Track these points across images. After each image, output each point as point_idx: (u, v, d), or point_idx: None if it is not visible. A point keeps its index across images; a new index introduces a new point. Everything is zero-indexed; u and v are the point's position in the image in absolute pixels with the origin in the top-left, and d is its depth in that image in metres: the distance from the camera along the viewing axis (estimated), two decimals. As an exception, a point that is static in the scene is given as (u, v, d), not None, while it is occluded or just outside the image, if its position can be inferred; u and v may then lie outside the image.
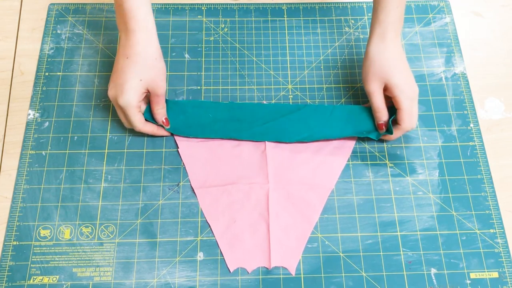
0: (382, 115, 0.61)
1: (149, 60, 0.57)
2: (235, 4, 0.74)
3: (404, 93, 0.59)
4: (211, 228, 0.59)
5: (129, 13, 0.56)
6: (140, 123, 0.60)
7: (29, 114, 0.65)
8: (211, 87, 0.67)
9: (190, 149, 0.63)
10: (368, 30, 0.72)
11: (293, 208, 0.60)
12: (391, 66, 0.60)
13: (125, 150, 0.63)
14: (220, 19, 0.73)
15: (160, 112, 0.61)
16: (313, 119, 0.64)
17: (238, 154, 0.62)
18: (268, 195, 0.60)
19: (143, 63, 0.57)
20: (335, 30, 0.72)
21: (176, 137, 0.64)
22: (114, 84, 0.58)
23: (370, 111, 0.63)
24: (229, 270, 0.57)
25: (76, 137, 0.63)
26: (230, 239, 0.58)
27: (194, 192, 0.60)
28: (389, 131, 0.61)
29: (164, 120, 0.62)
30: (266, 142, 0.63)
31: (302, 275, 0.57)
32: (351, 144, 0.64)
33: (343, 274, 0.57)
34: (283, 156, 0.62)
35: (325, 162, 0.62)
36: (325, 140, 0.64)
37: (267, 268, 0.57)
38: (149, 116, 0.62)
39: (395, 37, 0.60)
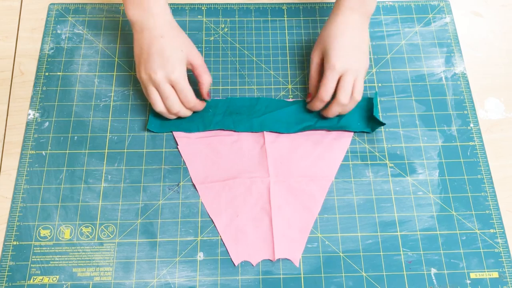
0: (312, 85, 0.64)
1: (181, 34, 0.61)
2: (235, 4, 0.74)
3: (329, 63, 0.59)
4: (214, 224, 0.59)
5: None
6: (193, 95, 0.60)
7: (29, 114, 0.65)
8: (211, 87, 0.67)
9: (189, 146, 0.63)
10: (368, 30, 0.72)
11: (294, 200, 0.60)
12: (331, 36, 0.61)
13: (125, 150, 0.63)
14: (220, 19, 0.73)
15: (208, 80, 0.62)
16: (309, 110, 0.65)
17: (238, 149, 0.63)
18: (270, 189, 0.60)
19: (179, 37, 0.60)
20: (335, 30, 0.72)
21: (175, 135, 0.64)
22: (159, 65, 0.57)
23: (363, 102, 0.65)
24: (233, 264, 0.57)
25: (76, 137, 0.63)
26: (233, 234, 0.58)
27: (196, 188, 0.61)
28: (376, 122, 0.63)
29: (206, 95, 0.64)
30: (265, 136, 0.63)
31: (302, 275, 0.57)
32: (349, 135, 0.64)
33: (343, 274, 0.57)
34: (283, 150, 0.63)
35: (325, 153, 0.63)
36: (323, 132, 0.64)
37: (271, 261, 0.57)
38: (156, 125, 0.63)
39: (350, 13, 0.61)
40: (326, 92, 0.60)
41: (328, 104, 0.62)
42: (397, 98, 0.67)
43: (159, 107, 0.60)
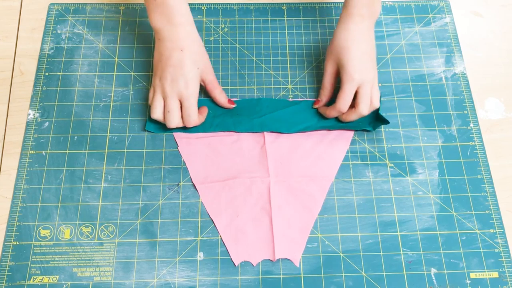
0: (324, 94, 0.65)
1: (201, 48, 0.62)
2: (235, 4, 0.74)
3: (348, 75, 0.60)
4: (214, 224, 0.59)
5: (174, 9, 0.59)
6: (196, 116, 0.61)
7: (29, 114, 0.65)
8: (211, 87, 0.67)
9: (189, 146, 0.63)
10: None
11: (295, 200, 0.60)
12: (345, 47, 0.61)
13: (125, 150, 0.63)
14: (220, 19, 0.73)
15: (221, 94, 0.64)
16: (310, 111, 0.65)
17: (238, 149, 0.63)
18: (270, 189, 0.60)
19: (197, 52, 0.61)
20: (335, 30, 0.72)
21: (175, 135, 0.64)
22: (173, 78, 0.59)
23: None
24: (234, 264, 0.57)
25: (76, 137, 0.63)
26: (233, 234, 0.58)
27: (196, 188, 0.61)
28: (380, 119, 0.63)
29: (228, 102, 0.65)
30: (265, 136, 0.63)
31: (302, 275, 0.57)
32: (349, 135, 0.64)
33: (343, 274, 0.57)
34: (283, 150, 0.63)
35: (325, 153, 0.63)
36: (323, 132, 0.64)
37: (271, 261, 0.57)
38: (155, 126, 0.64)
39: (360, 20, 0.61)
40: (345, 104, 0.61)
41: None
42: (397, 98, 0.67)
43: (157, 114, 0.61)
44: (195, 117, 0.61)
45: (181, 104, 0.60)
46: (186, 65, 0.59)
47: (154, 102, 0.60)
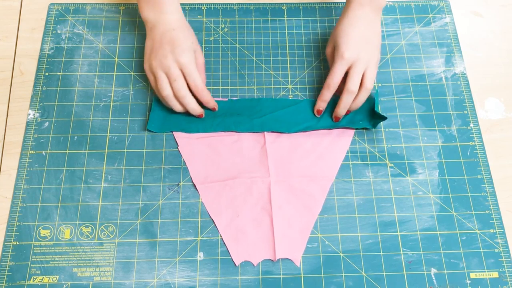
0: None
1: (191, 31, 0.65)
2: (235, 4, 0.74)
3: (339, 53, 0.61)
4: (214, 223, 0.59)
5: (163, 1, 0.62)
6: (201, 81, 0.62)
7: (29, 114, 0.65)
8: (211, 87, 0.67)
9: (190, 146, 0.63)
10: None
11: (295, 200, 0.60)
12: (341, 29, 0.63)
13: (125, 150, 0.63)
14: (220, 19, 0.73)
15: (203, 79, 0.65)
16: (310, 111, 0.66)
17: (238, 149, 0.63)
18: (270, 189, 0.60)
19: (189, 31, 0.64)
20: (335, 30, 0.72)
21: (175, 135, 0.64)
22: (170, 51, 0.60)
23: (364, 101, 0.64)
24: (234, 264, 0.57)
25: (76, 137, 0.63)
26: (234, 233, 0.58)
27: (196, 188, 0.61)
28: (377, 116, 0.63)
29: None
30: (265, 136, 0.64)
31: (302, 275, 0.57)
32: (349, 135, 0.64)
33: (343, 274, 0.57)
34: (283, 150, 0.63)
35: (325, 153, 0.63)
36: (323, 132, 0.64)
37: (272, 261, 0.57)
38: (156, 125, 0.64)
39: (358, 7, 0.63)
40: (332, 79, 0.61)
41: (332, 108, 0.64)
42: (397, 98, 0.67)
43: (166, 90, 0.61)
44: (201, 84, 0.62)
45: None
46: (180, 38, 0.61)
47: (159, 80, 0.61)
